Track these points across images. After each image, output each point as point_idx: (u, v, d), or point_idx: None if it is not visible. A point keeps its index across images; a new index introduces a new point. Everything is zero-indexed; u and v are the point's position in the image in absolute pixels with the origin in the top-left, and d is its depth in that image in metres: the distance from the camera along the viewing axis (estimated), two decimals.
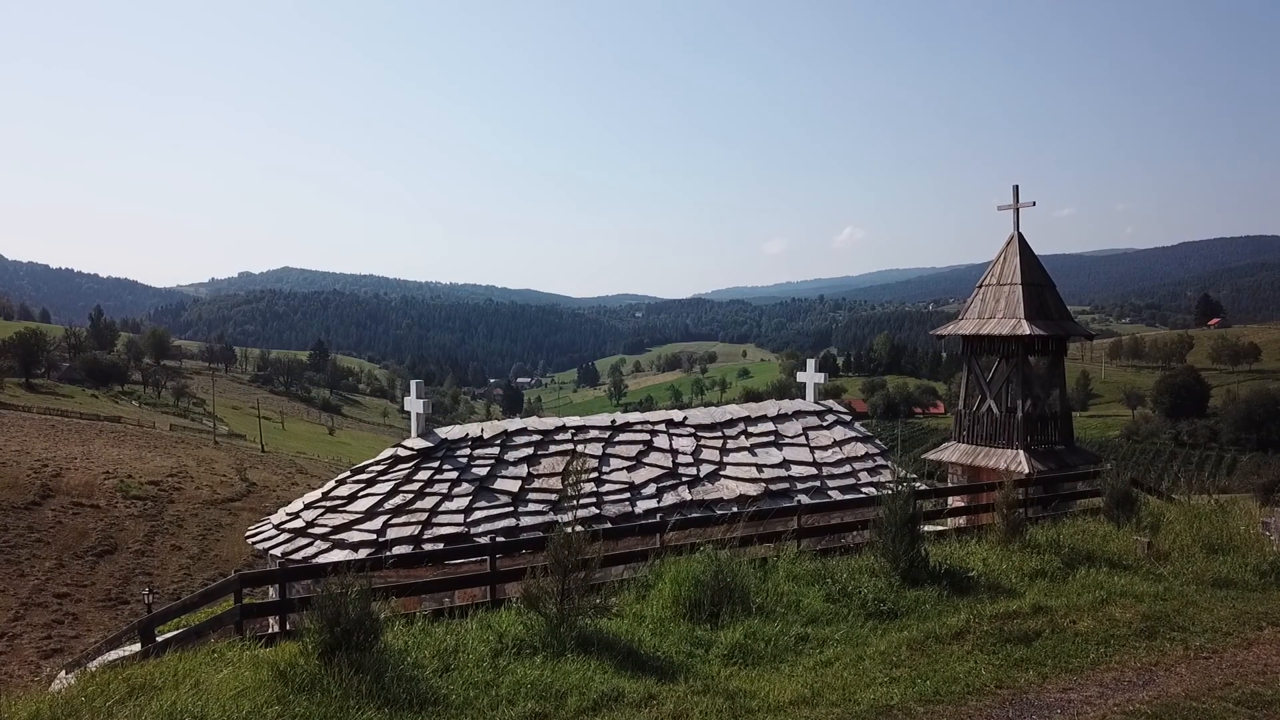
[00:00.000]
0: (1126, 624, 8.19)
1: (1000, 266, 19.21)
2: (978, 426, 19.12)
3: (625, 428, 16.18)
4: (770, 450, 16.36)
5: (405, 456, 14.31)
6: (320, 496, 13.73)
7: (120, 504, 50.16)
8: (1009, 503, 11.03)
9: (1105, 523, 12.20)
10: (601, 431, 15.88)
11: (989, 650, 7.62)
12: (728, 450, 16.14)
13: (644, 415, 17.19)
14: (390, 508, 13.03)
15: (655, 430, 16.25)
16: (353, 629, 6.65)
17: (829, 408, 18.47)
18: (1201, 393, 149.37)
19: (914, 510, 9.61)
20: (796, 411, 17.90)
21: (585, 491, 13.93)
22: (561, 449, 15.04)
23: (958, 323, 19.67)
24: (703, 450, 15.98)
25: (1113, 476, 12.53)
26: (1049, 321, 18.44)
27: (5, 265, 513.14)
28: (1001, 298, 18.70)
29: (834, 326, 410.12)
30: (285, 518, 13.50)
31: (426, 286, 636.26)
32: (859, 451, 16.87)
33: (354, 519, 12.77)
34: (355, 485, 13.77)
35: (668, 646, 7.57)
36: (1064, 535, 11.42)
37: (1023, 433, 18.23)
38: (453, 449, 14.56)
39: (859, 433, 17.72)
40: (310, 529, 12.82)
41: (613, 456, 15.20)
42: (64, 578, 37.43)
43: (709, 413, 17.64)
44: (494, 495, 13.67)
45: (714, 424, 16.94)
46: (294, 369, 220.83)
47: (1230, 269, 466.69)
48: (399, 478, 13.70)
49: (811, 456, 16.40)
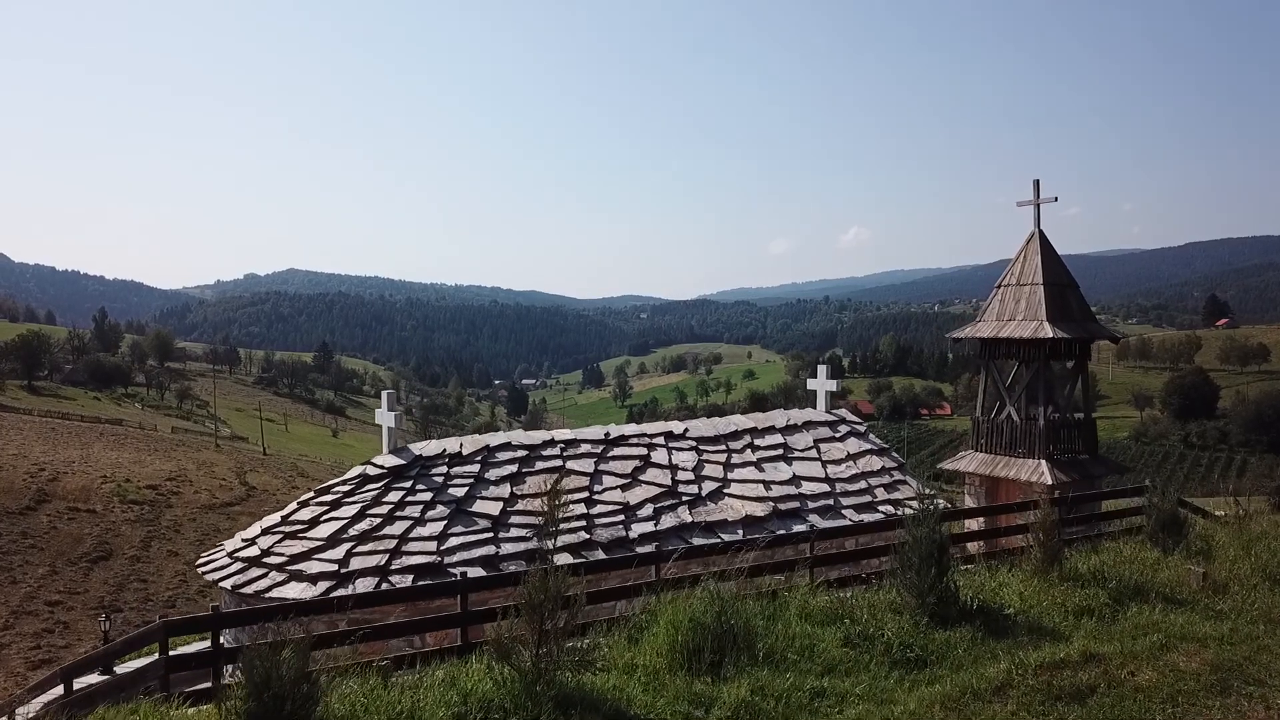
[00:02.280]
0: (1194, 675, 7.06)
1: (1020, 265, 18.12)
2: (996, 435, 18.03)
3: (620, 441, 14.99)
4: (779, 465, 15.19)
5: (375, 475, 13.14)
6: (280, 520, 12.62)
7: (117, 508, 49.30)
8: (1047, 526, 9.79)
9: (1149, 547, 11.00)
10: (594, 446, 14.66)
11: (1036, 711, 6.51)
12: (732, 466, 14.97)
13: (641, 428, 15.92)
14: (355, 534, 11.89)
15: (653, 444, 15.05)
16: (286, 695, 5.56)
17: (841, 417, 17.25)
18: (1210, 394, 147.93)
19: (942, 537, 8.44)
20: (807, 422, 16.71)
21: (574, 514, 12.77)
22: (549, 466, 13.82)
23: (975, 325, 18.62)
24: (705, 466, 14.80)
25: (1158, 495, 11.29)
26: (1072, 323, 17.37)
27: (11, 267, 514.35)
28: (1022, 298, 17.64)
29: (839, 327, 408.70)
30: (241, 544, 12.36)
31: (432, 288, 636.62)
32: (875, 465, 15.67)
33: (314, 547, 11.64)
34: (318, 508, 12.64)
35: (662, 706, 6.48)
36: (1107, 563, 10.22)
37: (1045, 441, 17.15)
38: (427, 467, 13.36)
39: (874, 445, 16.53)
40: (266, 558, 11.71)
41: (606, 474, 14.00)
42: (57, 585, 36.63)
43: (712, 424, 16.41)
44: (472, 519, 12.48)
45: (717, 436, 15.72)
46: (298, 371, 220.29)
47: (1237, 269, 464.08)
48: (367, 499, 12.52)
49: (824, 472, 15.24)
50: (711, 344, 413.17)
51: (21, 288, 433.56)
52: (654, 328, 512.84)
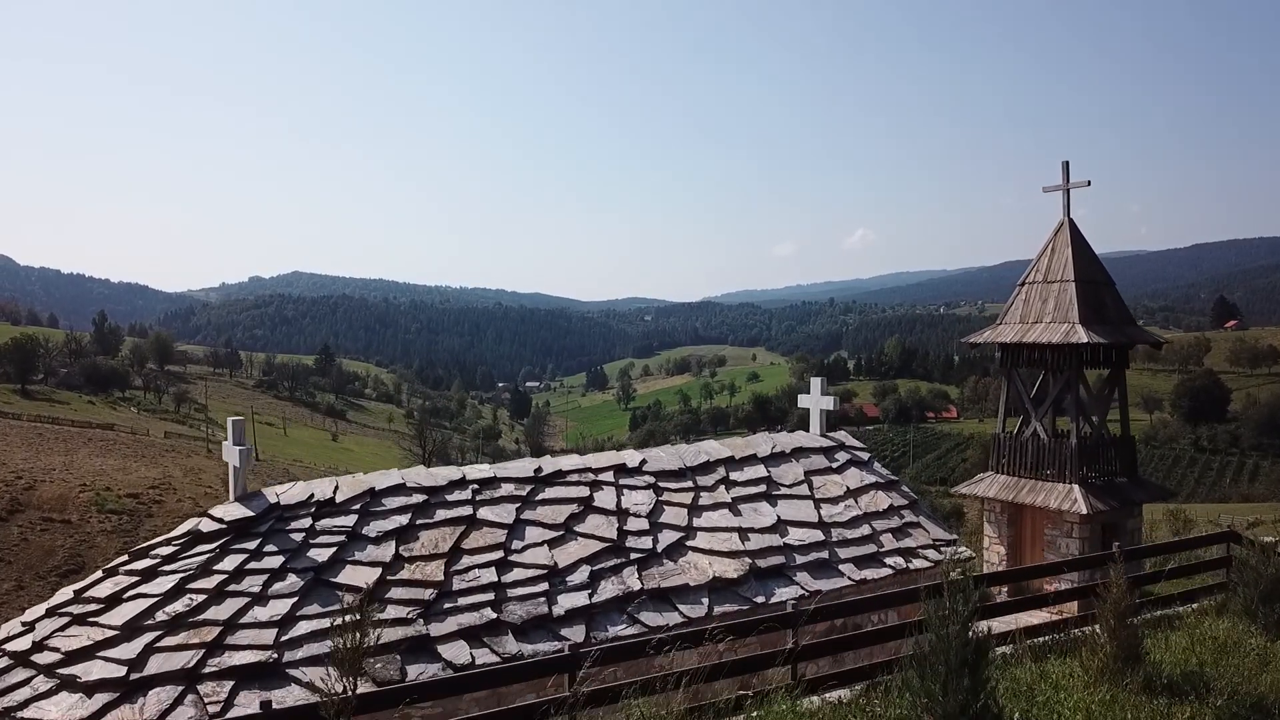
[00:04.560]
0: None
1: (1047, 260, 16.01)
2: (1020, 454, 15.89)
3: (554, 479, 11.67)
4: (760, 507, 12.08)
5: (210, 533, 9.79)
6: (73, 596, 9.44)
7: (94, 519, 47.75)
8: (1121, 608, 7.28)
9: (1243, 619, 8.60)
10: (518, 486, 11.28)
11: None
12: (700, 508, 11.78)
13: (585, 459, 12.51)
14: (163, 620, 8.63)
15: (599, 480, 11.76)
16: None
17: (840, 442, 14.12)
18: (1221, 396, 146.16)
19: (980, 640, 6.14)
20: (796, 449, 13.51)
21: (478, 584, 9.71)
22: (454, 515, 10.59)
23: (995, 328, 16.45)
24: (664, 510, 11.54)
25: (1256, 556, 8.65)
26: (1109, 326, 15.29)
27: (17, 270, 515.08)
28: (1050, 297, 15.52)
29: (844, 329, 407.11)
30: (20, 628, 9.25)
31: (436, 290, 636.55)
32: (880, 504, 12.72)
33: (106, 637, 8.50)
34: (128, 578, 9.35)
35: None
36: (1203, 657, 7.83)
37: (1077, 462, 15.02)
38: (285, 519, 10.02)
39: (880, 476, 13.44)
40: (37, 653, 8.53)
41: (531, 524, 10.78)
42: (22, 601, 35.02)
43: (678, 452, 13.06)
44: (334, 593, 9.19)
45: (683, 469, 12.45)
46: (299, 374, 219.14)
47: (1245, 270, 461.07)
48: (191, 568, 9.24)
49: (816, 514, 12.17)
50: (716, 346, 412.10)
51: (27, 291, 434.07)
52: (658, 330, 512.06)
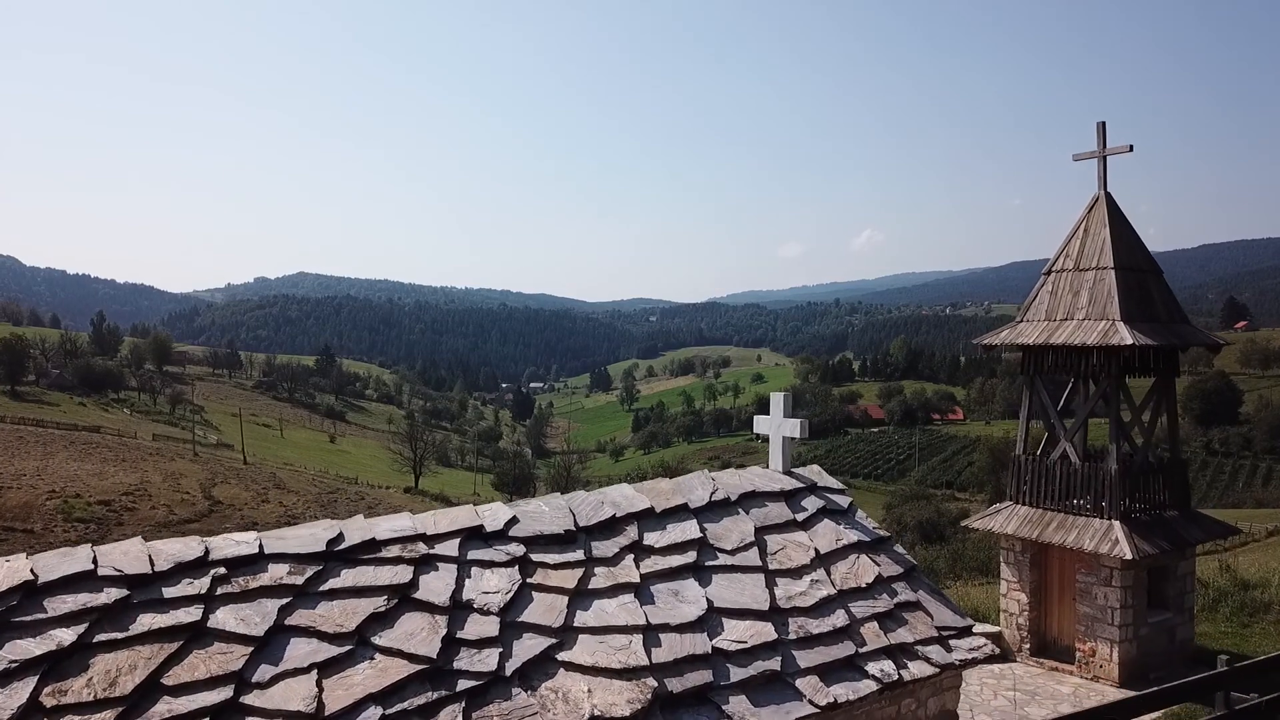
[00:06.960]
0: None
1: (1079, 242, 13.14)
2: (1046, 481, 13.13)
3: (358, 554, 6.18)
4: (683, 587, 6.83)
5: None
6: None
7: (59, 527, 45.66)
8: None
9: None
10: (294, 568, 5.84)
11: None
12: (589, 594, 6.49)
13: (417, 522, 6.69)
14: None
15: (433, 554, 6.36)
16: None
17: (810, 483, 8.57)
18: (1233, 398, 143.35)
19: None
20: (746, 495, 8.08)
21: None
22: (165, 623, 5.17)
23: (1015, 327, 13.63)
24: (532, 599, 6.26)
25: None
26: (1157, 325, 12.42)
27: (23, 271, 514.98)
28: (1083, 289, 12.72)
29: (850, 330, 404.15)
30: None
31: (441, 291, 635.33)
32: (864, 575, 7.52)
33: None
34: None
35: None
36: None
37: (1118, 492, 12.24)
38: None
39: (864, 532, 8.09)
40: None
41: (299, 634, 5.45)
42: None
43: (570, 506, 7.34)
44: None
45: (571, 532, 6.99)
46: (299, 375, 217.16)
47: (1253, 271, 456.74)
48: None
49: (768, 596, 6.94)
50: (720, 347, 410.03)
51: (33, 291, 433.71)
52: (663, 331, 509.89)
